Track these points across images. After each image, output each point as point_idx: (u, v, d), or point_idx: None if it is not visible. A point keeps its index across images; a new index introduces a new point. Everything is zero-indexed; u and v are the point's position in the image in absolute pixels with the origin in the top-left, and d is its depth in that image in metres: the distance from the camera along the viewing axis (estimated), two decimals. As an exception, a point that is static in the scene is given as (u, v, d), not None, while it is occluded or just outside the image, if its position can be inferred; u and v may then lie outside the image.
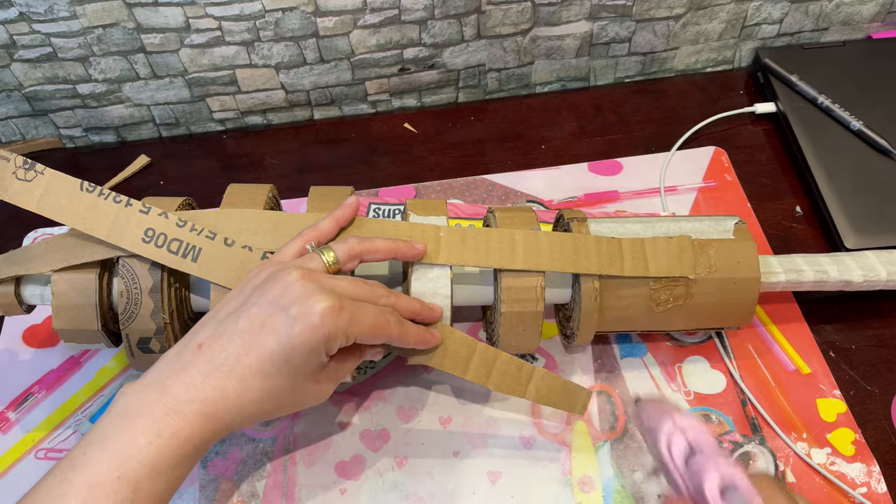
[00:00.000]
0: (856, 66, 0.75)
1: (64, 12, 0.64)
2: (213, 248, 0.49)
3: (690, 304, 0.52)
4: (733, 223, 0.54)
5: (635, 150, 0.73)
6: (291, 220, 0.51)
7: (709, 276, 0.52)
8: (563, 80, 0.80)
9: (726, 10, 0.75)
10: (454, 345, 0.49)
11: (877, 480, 0.53)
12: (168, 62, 0.70)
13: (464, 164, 0.73)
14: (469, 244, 0.50)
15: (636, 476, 0.53)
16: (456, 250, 0.50)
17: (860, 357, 0.59)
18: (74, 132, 0.75)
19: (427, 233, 0.50)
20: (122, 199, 0.49)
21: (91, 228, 0.48)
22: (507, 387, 0.50)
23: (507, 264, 0.50)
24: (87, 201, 0.49)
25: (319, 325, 0.40)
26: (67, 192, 0.49)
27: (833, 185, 0.66)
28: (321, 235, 0.48)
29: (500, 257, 0.50)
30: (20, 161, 0.48)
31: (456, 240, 0.50)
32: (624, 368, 0.58)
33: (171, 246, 0.48)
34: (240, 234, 0.50)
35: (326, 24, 0.69)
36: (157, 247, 0.48)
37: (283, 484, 0.53)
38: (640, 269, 0.51)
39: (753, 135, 0.74)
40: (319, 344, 0.41)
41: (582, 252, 0.50)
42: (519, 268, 0.50)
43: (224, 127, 0.77)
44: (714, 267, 0.52)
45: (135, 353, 0.51)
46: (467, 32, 0.72)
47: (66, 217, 0.48)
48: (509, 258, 0.50)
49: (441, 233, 0.50)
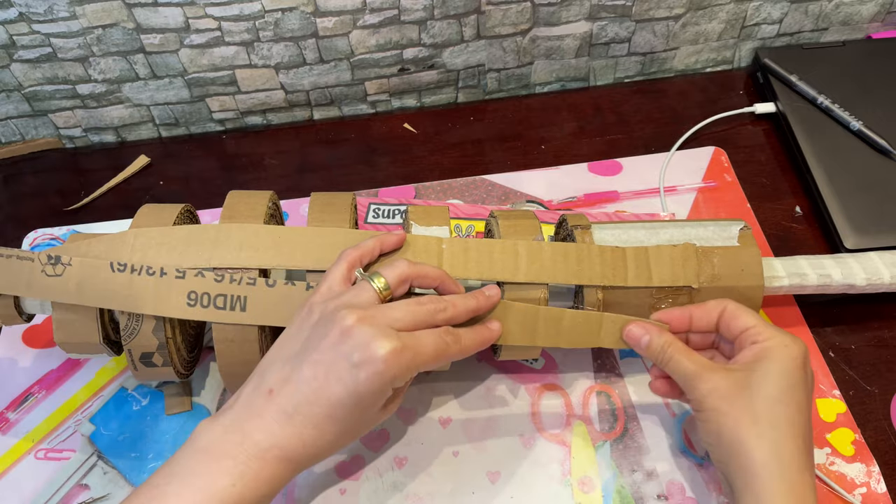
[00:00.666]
0: (856, 66, 0.75)
1: (64, 12, 0.64)
2: (257, 293, 0.48)
3: None
4: (738, 229, 0.53)
5: (635, 151, 0.73)
6: (292, 235, 0.50)
7: (712, 285, 0.51)
8: (563, 80, 0.80)
9: (726, 10, 0.75)
10: (518, 317, 0.49)
11: (876, 480, 0.53)
12: (168, 62, 0.70)
13: (464, 164, 0.73)
14: (472, 256, 0.50)
15: (636, 476, 0.53)
16: (459, 263, 0.50)
17: (860, 357, 0.59)
18: (74, 132, 0.75)
19: (430, 245, 0.50)
20: (155, 269, 0.48)
21: (136, 307, 0.48)
22: (580, 341, 0.50)
23: (510, 277, 0.50)
24: (122, 281, 0.48)
25: (384, 371, 0.41)
26: (102, 277, 0.48)
27: (833, 185, 0.66)
28: (364, 256, 0.48)
29: (503, 269, 0.50)
30: (44, 258, 0.49)
31: (459, 252, 0.50)
32: (624, 368, 0.58)
33: (217, 302, 0.48)
34: (241, 251, 0.50)
35: (326, 25, 0.69)
36: (203, 307, 0.48)
37: (283, 484, 0.53)
38: (644, 278, 0.51)
39: (753, 135, 0.74)
40: (386, 386, 0.42)
41: (586, 262, 0.50)
42: (522, 280, 0.50)
43: (224, 127, 0.77)
44: (718, 276, 0.51)
45: (138, 367, 0.51)
46: (467, 32, 0.72)
47: (109, 302, 0.49)
48: (512, 271, 0.50)
49: (444, 245, 0.50)
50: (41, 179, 0.73)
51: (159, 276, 0.48)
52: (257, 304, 0.48)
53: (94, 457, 0.54)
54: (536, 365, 0.59)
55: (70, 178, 0.73)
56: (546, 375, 0.58)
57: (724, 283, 0.51)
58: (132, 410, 0.57)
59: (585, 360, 0.59)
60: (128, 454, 0.55)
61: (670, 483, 0.53)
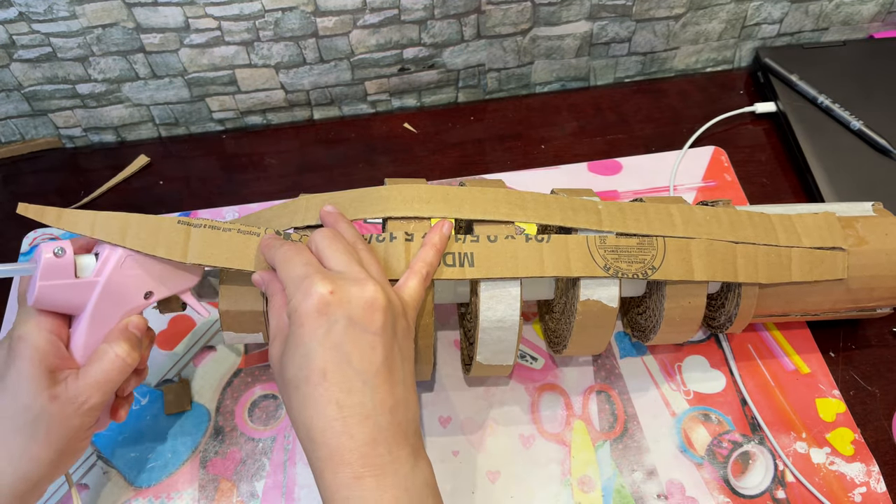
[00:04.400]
0: (856, 65, 0.75)
1: (63, 12, 0.64)
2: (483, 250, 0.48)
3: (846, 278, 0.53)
4: (870, 205, 0.55)
5: (635, 150, 0.73)
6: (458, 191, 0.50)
7: (860, 248, 0.52)
8: (563, 80, 0.80)
9: (726, 10, 0.75)
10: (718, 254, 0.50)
11: (876, 480, 0.53)
12: (168, 62, 0.70)
13: (464, 164, 0.73)
14: (629, 215, 0.51)
15: (636, 476, 0.53)
16: (618, 221, 0.50)
17: (860, 357, 0.59)
18: (74, 132, 0.75)
19: (587, 205, 0.51)
20: (385, 235, 0.48)
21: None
22: (775, 275, 0.51)
23: (669, 232, 0.50)
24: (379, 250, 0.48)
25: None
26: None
27: (833, 185, 0.66)
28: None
29: (662, 226, 0.50)
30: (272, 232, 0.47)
31: (615, 211, 0.51)
32: (623, 368, 0.58)
33: (447, 260, 0.47)
34: (412, 203, 0.49)
35: (326, 24, 0.69)
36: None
37: (283, 484, 0.53)
38: (794, 240, 0.52)
39: (753, 134, 0.74)
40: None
41: (736, 223, 0.51)
42: (679, 235, 0.50)
43: (224, 127, 0.77)
44: (864, 239, 0.52)
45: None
46: (467, 32, 0.72)
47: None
48: (670, 227, 0.50)
49: (599, 206, 0.51)
50: (41, 179, 0.73)
51: (389, 241, 0.48)
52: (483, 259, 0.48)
53: (94, 456, 0.54)
54: (536, 365, 0.59)
55: (70, 178, 0.73)
56: (546, 375, 0.58)
57: (872, 245, 0.52)
58: (132, 410, 0.57)
59: (585, 360, 0.59)
60: (127, 454, 0.55)
61: (670, 482, 0.53)
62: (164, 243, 0.45)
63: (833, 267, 0.52)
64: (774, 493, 0.52)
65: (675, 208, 0.52)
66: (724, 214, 0.52)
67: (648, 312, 0.54)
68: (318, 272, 0.41)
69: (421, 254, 0.46)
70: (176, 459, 0.54)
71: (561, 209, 0.50)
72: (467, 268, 0.47)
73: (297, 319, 0.40)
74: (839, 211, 0.54)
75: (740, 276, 0.50)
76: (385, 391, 0.40)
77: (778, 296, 0.53)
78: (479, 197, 0.50)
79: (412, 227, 0.48)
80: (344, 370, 0.39)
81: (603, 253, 0.49)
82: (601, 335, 0.52)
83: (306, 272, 0.41)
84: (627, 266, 0.49)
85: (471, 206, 0.49)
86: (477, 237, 0.48)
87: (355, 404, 0.39)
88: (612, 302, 0.49)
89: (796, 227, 0.52)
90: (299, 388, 0.39)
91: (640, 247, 0.49)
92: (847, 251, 0.52)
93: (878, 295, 0.54)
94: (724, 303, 0.54)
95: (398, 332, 0.42)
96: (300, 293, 0.40)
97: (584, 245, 0.49)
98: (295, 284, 0.41)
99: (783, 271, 0.51)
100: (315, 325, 0.39)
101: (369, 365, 0.39)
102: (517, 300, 0.48)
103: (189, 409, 0.57)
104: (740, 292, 0.52)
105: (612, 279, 0.49)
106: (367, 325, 0.40)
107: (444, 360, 0.59)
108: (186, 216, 0.47)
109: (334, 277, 0.41)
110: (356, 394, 0.39)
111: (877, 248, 0.52)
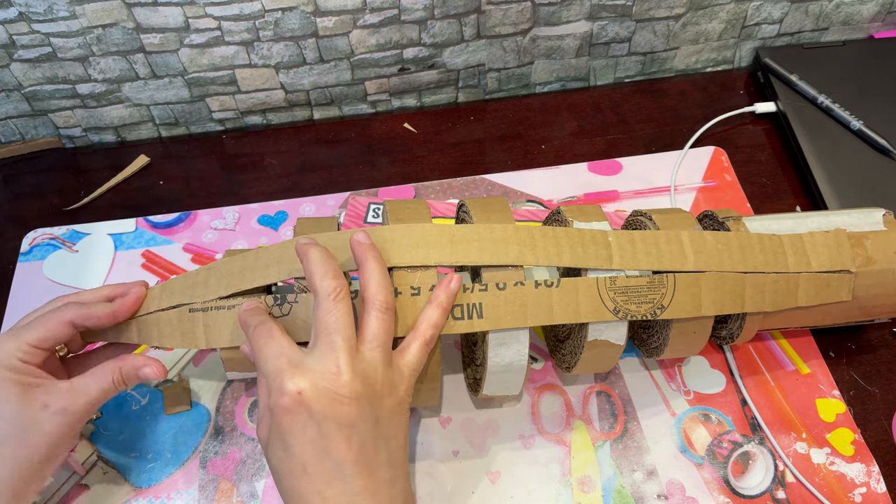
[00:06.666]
0: (856, 65, 0.75)
1: (63, 12, 0.64)
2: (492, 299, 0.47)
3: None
4: (881, 215, 0.54)
5: (635, 150, 0.73)
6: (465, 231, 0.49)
7: (867, 269, 0.52)
8: (563, 80, 0.80)
9: (726, 10, 0.75)
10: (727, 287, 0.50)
11: (876, 480, 0.53)
12: (168, 62, 0.70)
13: (464, 164, 0.73)
14: (639, 248, 0.50)
15: (636, 476, 0.53)
16: (628, 254, 0.49)
17: (860, 357, 0.59)
18: (74, 132, 0.75)
19: (597, 237, 0.50)
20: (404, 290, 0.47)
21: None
22: (781, 302, 0.51)
23: (679, 266, 0.50)
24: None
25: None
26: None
27: (833, 185, 0.66)
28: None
29: (672, 259, 0.50)
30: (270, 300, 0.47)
31: (626, 243, 0.50)
32: (623, 368, 0.58)
33: (455, 313, 0.47)
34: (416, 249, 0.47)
35: (326, 24, 0.69)
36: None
37: (283, 484, 0.53)
38: (803, 264, 0.51)
39: (753, 135, 0.74)
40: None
41: (747, 250, 0.51)
42: (690, 269, 0.50)
43: (224, 127, 0.77)
44: (872, 259, 0.52)
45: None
46: (467, 32, 0.72)
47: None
48: (681, 260, 0.50)
49: (610, 238, 0.50)
50: (41, 179, 0.73)
51: (409, 296, 0.46)
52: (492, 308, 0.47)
53: (94, 456, 0.54)
54: (536, 365, 0.59)
55: (70, 178, 0.73)
56: (546, 375, 0.58)
57: (879, 265, 0.52)
58: (131, 410, 0.57)
59: (585, 360, 0.59)
60: (127, 454, 0.55)
61: (670, 483, 0.53)
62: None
63: (838, 290, 0.52)
64: (774, 494, 0.52)
65: (686, 236, 0.50)
66: (734, 240, 0.51)
67: (655, 336, 0.54)
68: (289, 366, 0.41)
69: (427, 314, 0.45)
70: (176, 459, 0.54)
71: (570, 246, 0.49)
72: (476, 320, 0.47)
73: (275, 415, 0.41)
74: (850, 222, 0.54)
75: (747, 306, 0.50)
76: (366, 477, 0.41)
77: (780, 315, 0.53)
78: (486, 237, 0.48)
79: (418, 280, 0.47)
80: (323, 463, 0.40)
81: (612, 295, 0.48)
82: (607, 364, 0.52)
83: (277, 367, 0.41)
84: (637, 308, 0.48)
85: (478, 249, 0.48)
86: (486, 286, 0.47)
87: (337, 494, 0.40)
88: (619, 341, 0.49)
89: (806, 249, 0.52)
90: (283, 479, 0.41)
91: (651, 286, 0.49)
92: (854, 273, 0.52)
93: (878, 311, 0.54)
94: (727, 321, 0.54)
95: (382, 414, 0.42)
96: (275, 390, 0.41)
97: (594, 288, 0.48)
98: (269, 378, 0.42)
99: (789, 298, 0.51)
100: (291, 422, 0.40)
101: (346, 454, 0.40)
102: (525, 346, 0.48)
103: (189, 409, 0.57)
104: (745, 316, 0.52)
105: (620, 322, 0.48)
106: (339, 419, 0.40)
107: (444, 361, 0.59)
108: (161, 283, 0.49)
109: (305, 370, 0.41)
110: (337, 484, 0.40)
111: (883, 267, 0.52)
